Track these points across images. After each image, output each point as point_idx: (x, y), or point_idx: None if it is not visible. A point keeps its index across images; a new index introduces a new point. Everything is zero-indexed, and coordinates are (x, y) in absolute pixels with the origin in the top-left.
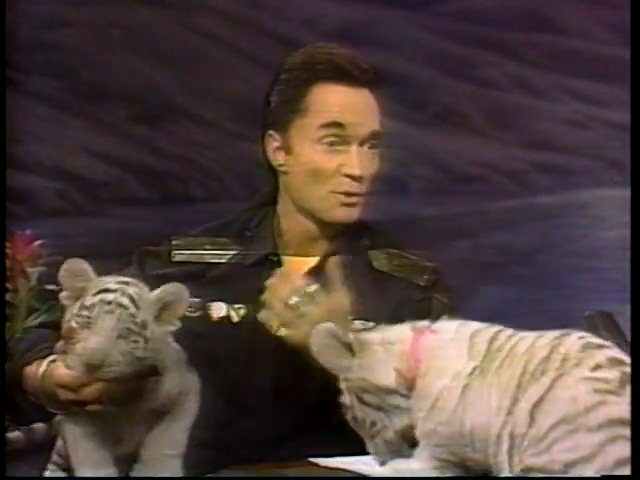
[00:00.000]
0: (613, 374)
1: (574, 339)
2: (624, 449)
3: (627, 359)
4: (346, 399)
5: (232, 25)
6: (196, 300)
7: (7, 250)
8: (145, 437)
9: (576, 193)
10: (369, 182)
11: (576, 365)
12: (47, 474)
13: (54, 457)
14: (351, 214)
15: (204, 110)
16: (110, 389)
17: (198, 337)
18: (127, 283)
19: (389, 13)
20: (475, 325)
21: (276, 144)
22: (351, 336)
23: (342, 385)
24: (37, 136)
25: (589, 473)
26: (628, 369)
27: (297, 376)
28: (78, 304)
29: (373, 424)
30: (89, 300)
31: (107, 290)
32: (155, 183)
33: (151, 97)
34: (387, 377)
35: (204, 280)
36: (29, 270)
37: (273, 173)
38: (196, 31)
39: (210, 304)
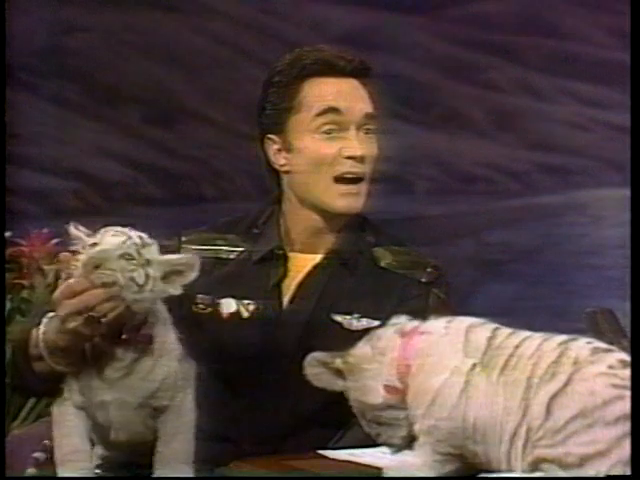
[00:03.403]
0: (625, 373)
1: (582, 344)
2: None
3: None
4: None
5: (243, 30)
6: (206, 297)
7: (24, 248)
8: (144, 435)
9: (577, 193)
10: (371, 165)
11: (591, 363)
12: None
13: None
14: (355, 204)
15: (216, 112)
16: (108, 298)
17: (208, 333)
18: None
19: (395, 18)
20: (467, 320)
21: (276, 146)
22: (338, 361)
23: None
24: (53, 138)
25: (605, 467)
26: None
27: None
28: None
29: (378, 435)
30: (98, 235)
31: (118, 231)
32: (168, 183)
33: (164, 100)
34: (379, 395)
35: (213, 277)
36: (46, 268)
37: (275, 175)
38: (208, 36)
39: (220, 301)
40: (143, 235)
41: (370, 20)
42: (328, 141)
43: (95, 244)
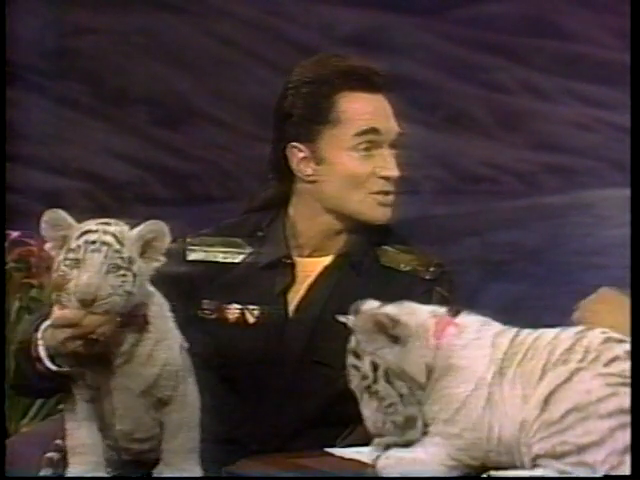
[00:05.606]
0: (629, 366)
1: (597, 333)
2: None
3: None
4: (365, 367)
5: (250, 31)
6: (212, 302)
7: (33, 248)
8: (149, 432)
9: (581, 193)
10: (399, 182)
11: (595, 359)
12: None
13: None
14: (390, 214)
15: (223, 113)
16: (106, 321)
17: (215, 338)
18: (108, 223)
19: (402, 20)
20: (496, 327)
21: (302, 155)
22: (398, 330)
23: (366, 356)
24: (63, 139)
25: (600, 456)
26: None
27: (310, 374)
28: (64, 251)
29: (390, 405)
30: (74, 243)
31: (89, 231)
32: (176, 183)
33: (172, 101)
34: (419, 370)
35: (218, 282)
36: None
37: (287, 179)
38: (215, 37)
39: (226, 306)
40: (115, 230)
41: (376, 21)
42: (363, 160)
43: (77, 261)
